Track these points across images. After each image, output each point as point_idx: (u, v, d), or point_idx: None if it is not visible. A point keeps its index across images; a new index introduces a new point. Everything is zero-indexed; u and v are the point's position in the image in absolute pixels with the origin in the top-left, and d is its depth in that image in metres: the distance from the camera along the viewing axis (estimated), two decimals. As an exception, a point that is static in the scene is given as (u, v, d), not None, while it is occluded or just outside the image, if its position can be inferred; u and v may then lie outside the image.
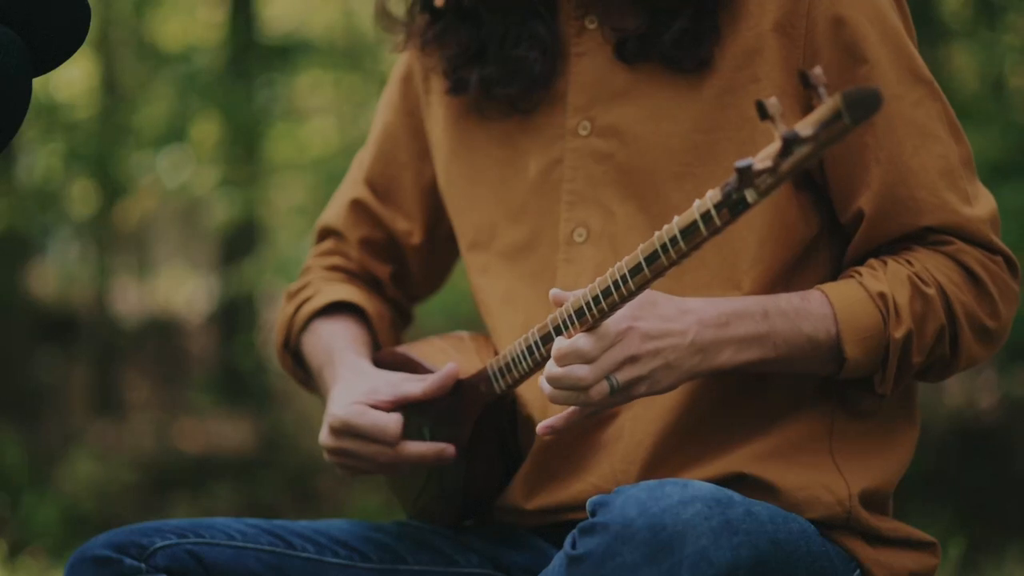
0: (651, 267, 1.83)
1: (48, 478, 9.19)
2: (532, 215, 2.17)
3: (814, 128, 1.66)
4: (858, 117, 1.63)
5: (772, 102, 1.69)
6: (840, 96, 1.63)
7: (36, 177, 10.12)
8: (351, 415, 2.13)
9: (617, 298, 1.86)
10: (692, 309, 1.93)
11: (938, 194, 2.02)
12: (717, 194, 1.75)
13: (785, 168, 1.69)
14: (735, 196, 1.73)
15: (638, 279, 1.84)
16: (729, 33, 2.05)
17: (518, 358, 2.03)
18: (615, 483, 2.06)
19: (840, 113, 1.64)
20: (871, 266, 2.02)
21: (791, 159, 1.68)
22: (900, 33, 2.05)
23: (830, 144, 1.66)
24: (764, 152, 1.70)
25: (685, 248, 1.80)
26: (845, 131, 1.64)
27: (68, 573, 2.08)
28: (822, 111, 1.66)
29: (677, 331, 1.92)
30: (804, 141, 1.67)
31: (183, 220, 12.65)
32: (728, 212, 1.75)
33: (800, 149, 1.67)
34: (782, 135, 1.68)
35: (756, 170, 1.70)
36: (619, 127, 2.11)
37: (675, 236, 1.80)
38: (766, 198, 1.72)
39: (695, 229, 1.78)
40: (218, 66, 9.87)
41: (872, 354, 1.98)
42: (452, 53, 2.22)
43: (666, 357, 1.91)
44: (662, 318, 1.91)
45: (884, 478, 2.08)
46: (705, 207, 1.76)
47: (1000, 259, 2.05)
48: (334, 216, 2.42)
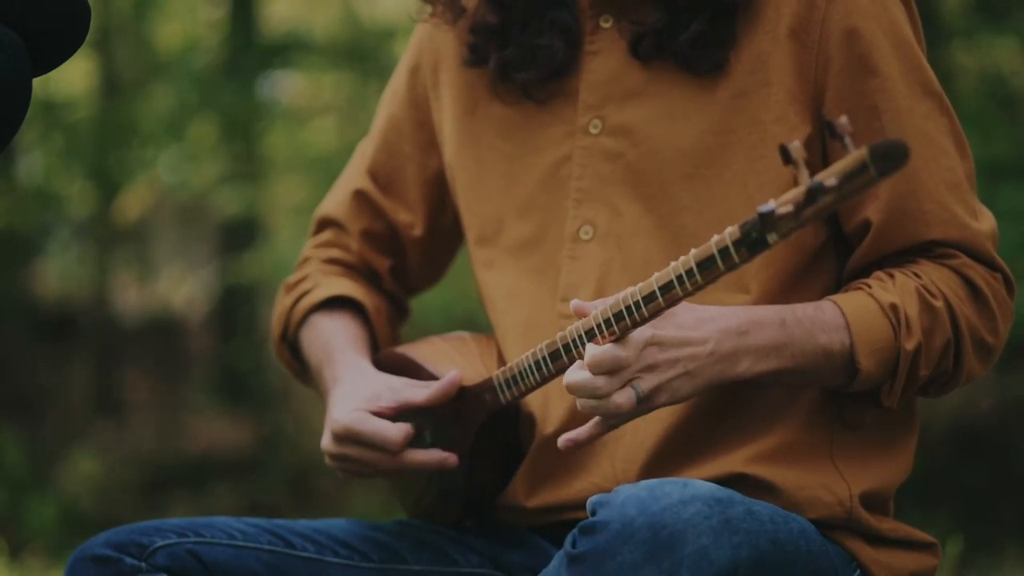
0: (665, 296, 1.84)
1: (48, 478, 9.19)
2: (539, 211, 2.17)
3: (839, 179, 1.67)
4: (884, 170, 1.65)
5: (795, 146, 1.71)
6: (867, 149, 1.64)
7: (36, 177, 10.12)
8: (354, 422, 2.13)
9: (629, 323, 1.86)
10: (711, 318, 1.93)
11: (946, 207, 2.02)
12: (736, 231, 1.76)
13: (807, 215, 1.71)
14: (755, 236, 1.74)
15: (651, 307, 1.85)
16: (745, 37, 2.05)
17: (525, 372, 2.03)
18: (616, 482, 2.06)
19: (866, 165, 1.65)
20: (879, 278, 2.02)
21: (813, 207, 1.70)
22: (913, 46, 2.05)
23: (853, 195, 1.68)
24: (787, 197, 1.72)
25: (701, 281, 1.81)
26: (870, 183, 1.66)
27: (68, 572, 2.08)
28: (848, 162, 1.67)
29: (696, 340, 1.91)
30: (828, 191, 1.68)
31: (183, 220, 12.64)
32: (747, 251, 1.76)
33: (823, 199, 1.69)
34: (808, 186, 1.69)
35: (778, 215, 1.72)
36: (630, 127, 2.11)
37: (691, 268, 1.81)
38: (785, 240, 1.73)
39: (712, 264, 1.79)
40: (217, 65, 9.87)
41: (883, 366, 1.98)
42: (475, 27, 2.21)
43: (685, 366, 1.90)
44: (680, 327, 1.91)
45: (885, 481, 2.08)
46: (724, 243, 1.77)
47: (1000, 276, 2.05)
48: (335, 206, 2.41)
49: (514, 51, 2.18)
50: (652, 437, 2.05)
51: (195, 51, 10.31)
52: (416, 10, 2.28)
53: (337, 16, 10.63)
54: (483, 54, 2.21)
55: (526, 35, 2.17)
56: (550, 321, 2.12)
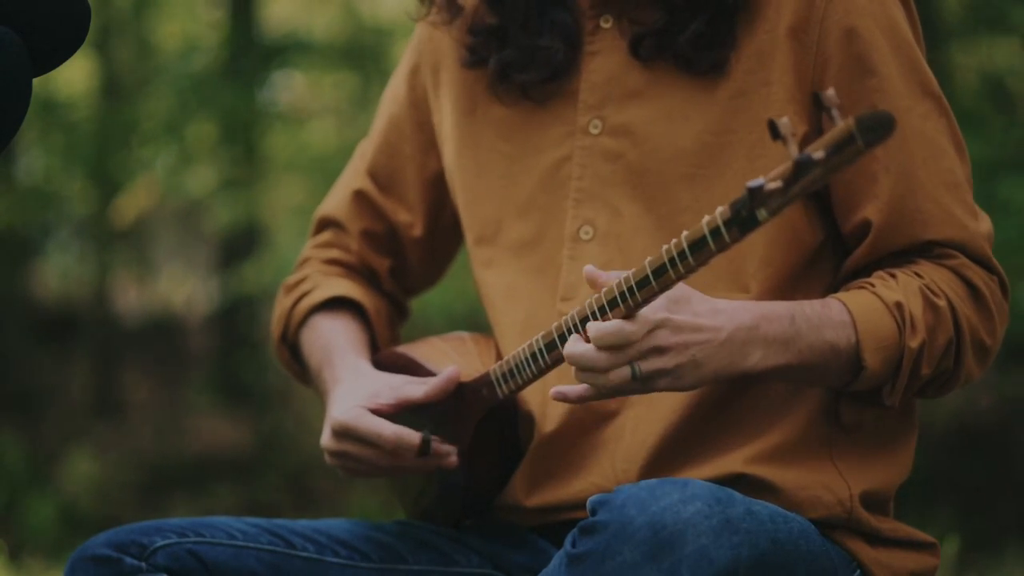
0: (658, 280, 1.83)
1: (48, 478, 9.19)
2: (539, 211, 2.17)
3: (826, 151, 1.67)
4: (871, 140, 1.64)
5: (784, 122, 1.70)
6: (853, 119, 1.64)
7: (36, 177, 10.12)
8: (352, 419, 2.13)
9: (624, 309, 1.86)
10: (724, 310, 1.93)
11: (946, 207, 2.02)
12: (727, 211, 1.76)
13: (796, 190, 1.70)
14: (745, 214, 1.74)
15: (645, 292, 1.84)
16: (744, 36, 2.05)
17: (522, 364, 2.03)
18: (615, 482, 2.06)
19: (853, 136, 1.64)
20: (881, 277, 2.02)
21: (802, 181, 1.69)
22: (911, 46, 2.05)
23: (842, 167, 1.67)
24: (775, 172, 1.71)
25: (693, 263, 1.80)
26: (858, 154, 1.65)
27: (68, 572, 2.08)
28: (835, 134, 1.66)
29: (710, 327, 1.90)
30: (816, 164, 1.67)
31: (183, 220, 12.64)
32: (737, 230, 1.75)
33: (812, 171, 1.68)
34: (795, 158, 1.68)
35: (767, 190, 1.71)
36: (630, 127, 2.11)
37: (683, 250, 1.80)
38: (775, 216, 1.72)
39: (704, 244, 1.78)
40: (217, 66, 9.87)
41: (888, 364, 1.98)
42: (474, 29, 2.21)
43: (694, 353, 1.90)
44: (696, 314, 1.90)
45: (885, 481, 2.08)
46: (715, 223, 1.77)
47: (996, 279, 2.06)
48: (335, 206, 2.41)
49: (513, 52, 2.18)
50: (652, 436, 2.05)
51: (195, 52, 10.30)
52: (414, 9, 2.28)
53: (337, 16, 10.63)
54: (482, 55, 2.21)
55: (526, 36, 2.17)
56: (550, 320, 2.11)
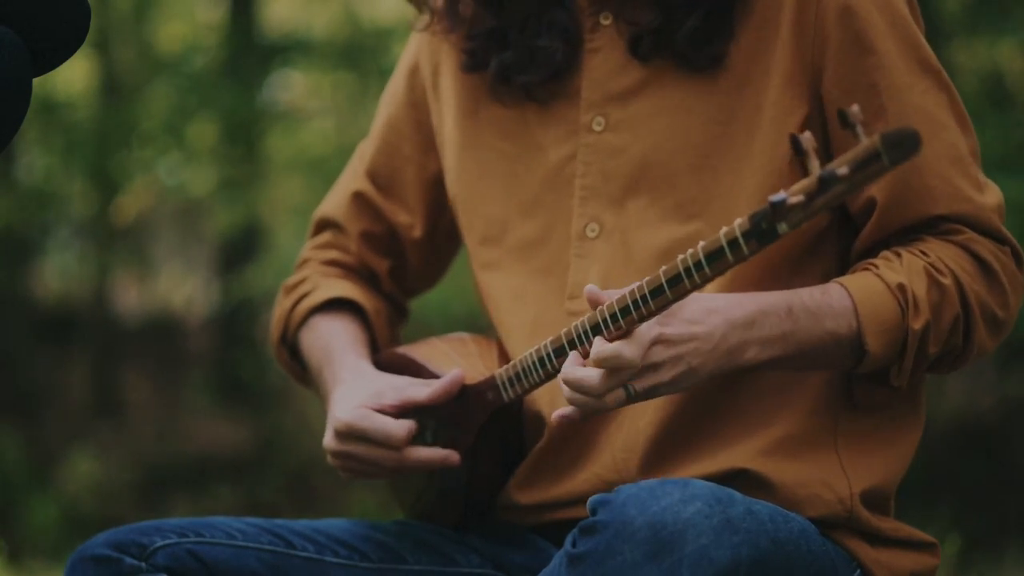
0: (673, 290, 1.83)
1: (48, 478, 9.19)
2: (544, 210, 2.17)
3: (850, 167, 1.67)
4: (896, 158, 1.64)
5: (806, 136, 1.70)
6: (879, 137, 1.64)
7: (36, 177, 10.12)
8: (357, 418, 2.13)
9: (636, 317, 1.86)
10: (718, 308, 1.92)
11: (950, 182, 2.02)
12: (746, 223, 1.76)
13: (818, 205, 1.70)
14: (765, 226, 1.74)
15: (658, 301, 1.84)
16: (743, 28, 2.05)
17: (529, 369, 2.03)
18: (615, 472, 2.05)
19: (879, 153, 1.64)
20: (886, 258, 2.01)
21: (825, 197, 1.69)
22: (908, 22, 2.05)
23: (866, 184, 1.67)
24: (798, 186, 1.71)
25: (710, 274, 1.80)
26: (882, 171, 1.65)
27: (68, 572, 2.08)
28: (860, 150, 1.66)
29: (702, 334, 1.90)
30: (840, 180, 1.68)
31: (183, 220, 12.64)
32: (756, 241, 1.75)
33: (835, 187, 1.69)
34: (818, 174, 1.68)
35: (789, 204, 1.71)
36: (634, 122, 2.10)
37: (700, 261, 1.80)
38: (795, 230, 1.73)
39: (721, 255, 1.78)
40: (217, 66, 9.87)
41: (891, 346, 1.97)
42: (473, 33, 2.21)
43: (688, 362, 1.90)
44: (688, 321, 1.90)
45: (887, 476, 2.07)
46: (733, 234, 1.77)
47: (1008, 249, 2.05)
48: (334, 208, 2.40)
49: (514, 54, 2.18)
50: (651, 425, 2.05)
51: (195, 52, 10.30)
52: (415, 19, 2.28)
53: (337, 16, 10.63)
54: (482, 58, 2.21)
55: (525, 37, 2.17)
56: (558, 320, 2.11)
